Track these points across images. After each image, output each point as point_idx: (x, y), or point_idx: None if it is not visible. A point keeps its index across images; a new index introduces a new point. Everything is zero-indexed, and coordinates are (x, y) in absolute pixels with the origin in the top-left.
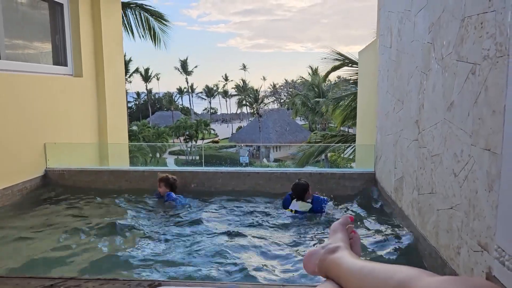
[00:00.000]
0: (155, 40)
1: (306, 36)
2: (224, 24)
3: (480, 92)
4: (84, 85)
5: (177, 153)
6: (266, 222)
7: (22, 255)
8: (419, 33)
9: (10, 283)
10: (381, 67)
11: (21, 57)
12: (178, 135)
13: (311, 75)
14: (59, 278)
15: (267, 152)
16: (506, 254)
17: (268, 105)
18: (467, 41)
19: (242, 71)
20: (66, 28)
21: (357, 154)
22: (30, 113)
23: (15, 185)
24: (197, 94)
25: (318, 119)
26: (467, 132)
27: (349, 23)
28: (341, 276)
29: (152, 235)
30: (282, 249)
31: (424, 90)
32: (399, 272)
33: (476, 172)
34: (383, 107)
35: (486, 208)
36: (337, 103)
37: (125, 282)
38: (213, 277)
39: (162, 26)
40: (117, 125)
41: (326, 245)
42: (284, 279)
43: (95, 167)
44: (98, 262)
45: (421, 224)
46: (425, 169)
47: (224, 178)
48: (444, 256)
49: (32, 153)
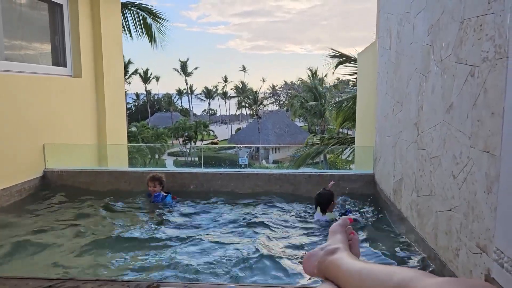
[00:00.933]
0: (152, 40)
1: (305, 38)
2: (223, 25)
3: (479, 94)
4: (83, 86)
5: (176, 154)
6: (268, 222)
7: (20, 256)
8: (419, 35)
9: (8, 284)
10: (380, 69)
11: (21, 58)
12: (177, 136)
13: (310, 77)
14: (58, 279)
15: (266, 154)
16: (505, 256)
17: (267, 106)
18: (466, 43)
19: (241, 72)
20: (66, 29)
21: (356, 155)
22: (29, 114)
23: (13, 186)
24: (196, 95)
25: (316, 121)
26: (466, 134)
27: (349, 25)
28: (340, 277)
29: (150, 236)
30: (282, 249)
31: (423, 92)
32: (397, 274)
33: (475, 174)
34: (382, 109)
35: (485, 210)
36: (340, 106)
37: (123, 283)
38: (211, 278)
39: (159, 25)
40: (116, 126)
41: (325, 246)
42: (283, 280)
43: (94, 168)
44: (96, 263)
45: (420, 226)
46: (424, 171)
47: (223, 180)
48: (443, 258)
49: (31, 153)
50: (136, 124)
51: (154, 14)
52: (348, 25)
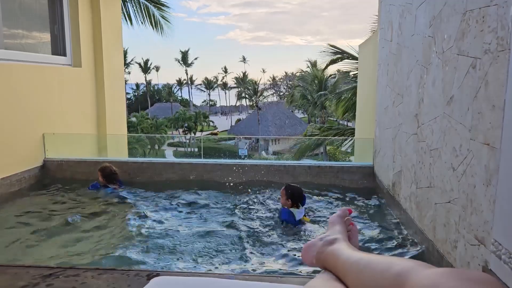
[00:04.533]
0: (158, 27)
1: (306, 29)
2: (224, 16)
3: (480, 86)
4: (83, 75)
5: (176, 145)
6: (265, 213)
7: (20, 245)
8: (420, 26)
9: (9, 272)
10: (381, 61)
11: (20, 46)
12: (177, 127)
13: (310, 68)
14: (58, 268)
15: (266, 145)
16: (503, 248)
17: (267, 98)
18: (468, 35)
19: (241, 63)
20: (65, 18)
21: (356, 147)
22: (29, 103)
23: (13, 175)
24: (196, 86)
25: (317, 113)
26: (466, 126)
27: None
28: (339, 268)
29: (150, 226)
30: (281, 240)
31: (424, 84)
32: (396, 264)
33: (474, 166)
34: (382, 101)
35: (484, 202)
36: (339, 97)
37: (123, 272)
38: (210, 268)
39: (162, 12)
40: (116, 116)
41: (324, 237)
42: (282, 270)
43: (94, 158)
44: (96, 252)
45: (419, 218)
46: (423, 163)
47: (223, 170)
48: (441, 250)
49: (31, 143)
50: (136, 114)
51: (156, 1)
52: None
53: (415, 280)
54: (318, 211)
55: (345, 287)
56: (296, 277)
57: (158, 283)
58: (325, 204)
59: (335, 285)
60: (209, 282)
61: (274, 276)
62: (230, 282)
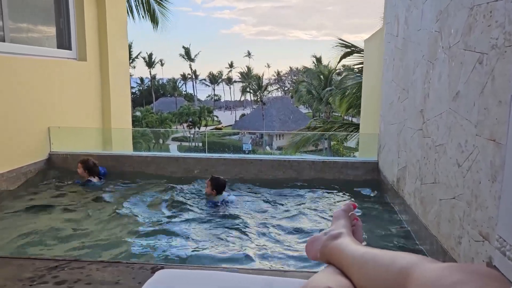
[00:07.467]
0: (155, 23)
1: (310, 24)
2: (228, 10)
3: (486, 82)
4: (88, 69)
5: (180, 140)
6: (269, 207)
7: (25, 237)
8: (427, 21)
9: (15, 264)
10: (386, 55)
11: (26, 40)
12: (181, 121)
13: (315, 64)
14: (63, 260)
15: (270, 140)
16: (508, 244)
17: (272, 92)
18: (475, 30)
19: (246, 58)
20: (71, 11)
21: (361, 143)
22: (34, 97)
23: (19, 168)
24: (201, 80)
25: (322, 108)
26: (472, 122)
27: (355, 10)
28: (343, 262)
29: (153, 220)
30: (285, 234)
31: (430, 79)
32: (400, 259)
33: (480, 162)
34: (387, 96)
35: (489, 198)
36: (344, 92)
37: (128, 265)
38: (213, 262)
39: (162, 8)
40: (120, 110)
41: (329, 231)
42: (285, 264)
43: (99, 151)
44: (100, 245)
45: (423, 214)
46: (428, 159)
47: (227, 165)
48: (445, 246)
49: (36, 136)
50: (141, 109)
51: None
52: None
53: (419, 274)
54: (322, 206)
55: (349, 281)
56: (300, 271)
57: (163, 276)
58: (329, 199)
59: (339, 279)
60: (213, 275)
61: (277, 271)
62: (233, 275)
